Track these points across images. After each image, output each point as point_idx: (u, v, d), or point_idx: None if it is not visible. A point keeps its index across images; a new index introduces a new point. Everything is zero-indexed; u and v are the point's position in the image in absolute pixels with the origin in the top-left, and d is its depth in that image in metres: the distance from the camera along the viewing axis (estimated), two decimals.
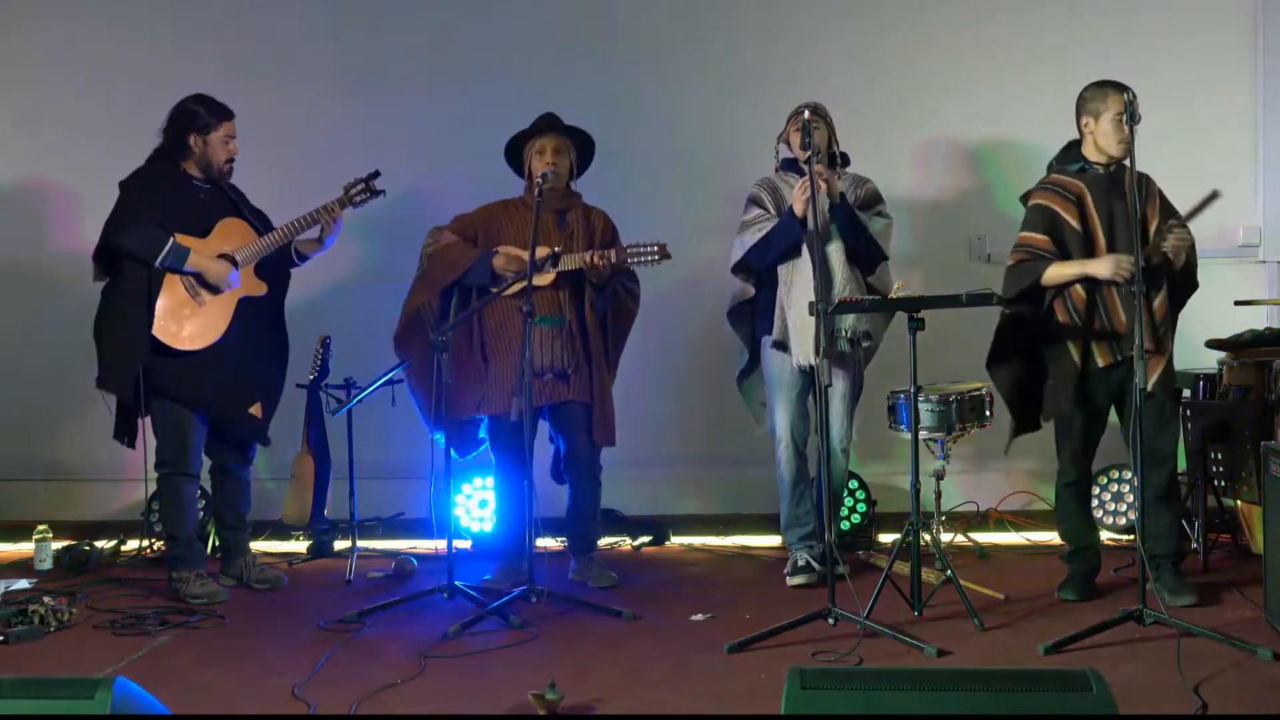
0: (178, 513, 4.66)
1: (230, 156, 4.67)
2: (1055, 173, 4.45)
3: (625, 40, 5.71)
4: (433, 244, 4.80)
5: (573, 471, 4.80)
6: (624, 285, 4.83)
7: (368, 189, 4.77)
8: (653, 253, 4.58)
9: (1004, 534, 5.43)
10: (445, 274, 4.71)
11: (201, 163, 4.64)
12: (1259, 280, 5.59)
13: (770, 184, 4.83)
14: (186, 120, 4.62)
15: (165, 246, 4.48)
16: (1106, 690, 2.44)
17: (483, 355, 4.72)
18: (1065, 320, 4.32)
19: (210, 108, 4.64)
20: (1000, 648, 3.87)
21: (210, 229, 4.61)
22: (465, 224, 4.83)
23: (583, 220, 4.80)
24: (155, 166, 4.64)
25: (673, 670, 3.71)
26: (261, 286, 4.69)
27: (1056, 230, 4.34)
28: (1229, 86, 5.59)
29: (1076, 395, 4.32)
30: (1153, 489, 4.30)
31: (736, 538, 5.49)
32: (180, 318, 4.55)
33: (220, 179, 4.68)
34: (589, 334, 4.72)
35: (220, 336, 4.59)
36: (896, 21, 5.67)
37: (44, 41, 5.77)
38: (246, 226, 4.68)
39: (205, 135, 4.62)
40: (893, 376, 4.64)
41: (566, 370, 4.67)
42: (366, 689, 3.51)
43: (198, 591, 4.57)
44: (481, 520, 5.43)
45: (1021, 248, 4.40)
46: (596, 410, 4.71)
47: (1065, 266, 4.29)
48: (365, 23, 5.75)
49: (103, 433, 4.71)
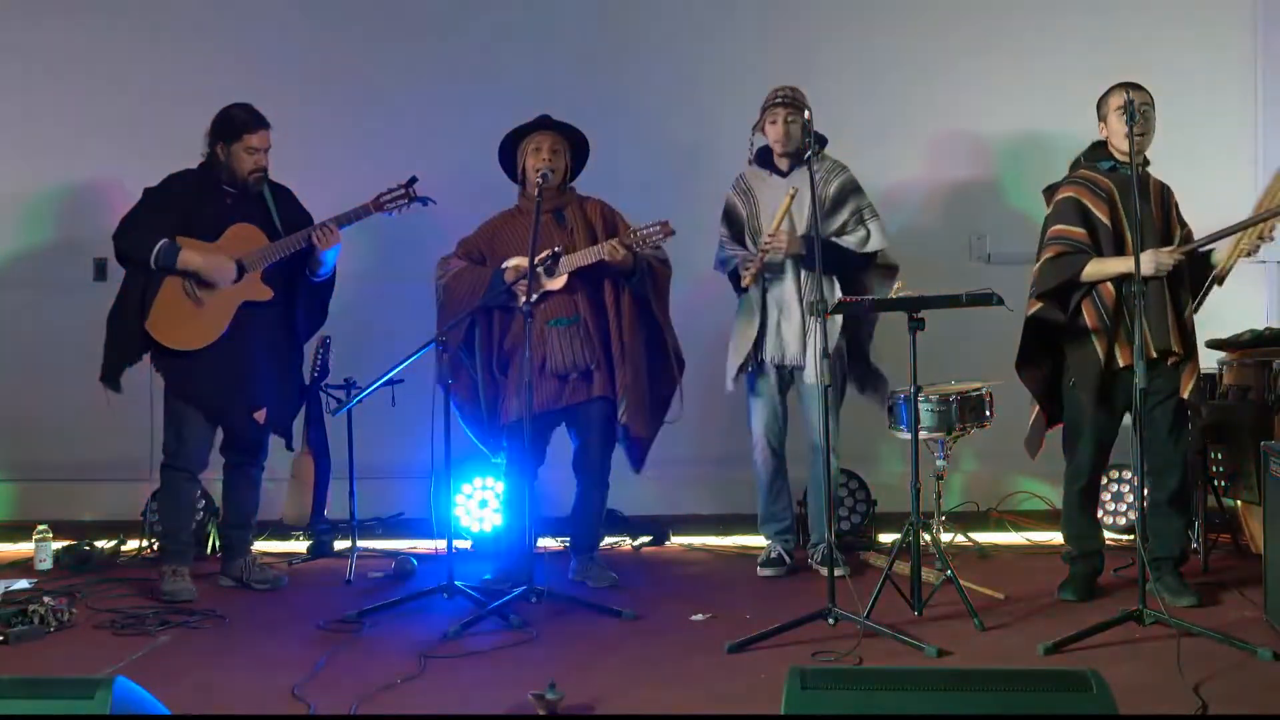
0: (167, 506, 4.77)
1: (257, 167, 4.67)
2: (1085, 169, 4.41)
3: (626, 39, 5.71)
4: (444, 275, 4.81)
5: (580, 471, 4.80)
6: (653, 256, 4.76)
7: (407, 195, 4.78)
8: (657, 232, 4.57)
9: (1004, 534, 5.43)
10: (465, 302, 4.67)
11: (227, 171, 4.67)
12: (1259, 281, 5.59)
13: (744, 185, 4.89)
14: (216, 128, 4.68)
15: (155, 247, 4.52)
16: (1106, 690, 2.44)
17: (504, 367, 4.73)
18: (1093, 318, 4.28)
19: (239, 118, 4.66)
20: (1000, 648, 3.87)
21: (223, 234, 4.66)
22: (470, 246, 4.83)
23: (580, 214, 4.79)
24: (188, 173, 4.71)
25: (673, 670, 3.71)
26: (266, 292, 4.68)
27: (1089, 225, 4.30)
28: (1229, 86, 5.59)
29: (1100, 394, 4.29)
30: (1165, 492, 4.30)
31: (736, 538, 5.49)
32: (177, 318, 4.58)
33: (249, 187, 4.69)
34: (609, 329, 4.71)
35: (217, 338, 4.60)
36: (897, 21, 5.67)
37: (49, 42, 5.76)
38: (258, 232, 4.68)
39: (230, 144, 4.64)
40: (893, 376, 4.64)
41: (590, 367, 4.66)
42: (366, 689, 3.51)
43: (167, 588, 4.60)
44: (481, 520, 5.43)
45: (1059, 240, 4.31)
46: (626, 402, 4.67)
47: (1106, 264, 4.23)
48: (365, 26, 5.74)
49: (103, 433, 4.73)
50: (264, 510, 5.01)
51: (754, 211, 4.83)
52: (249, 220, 4.69)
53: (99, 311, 4.79)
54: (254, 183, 4.70)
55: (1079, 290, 4.29)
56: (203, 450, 4.73)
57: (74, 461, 5.70)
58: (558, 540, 5.29)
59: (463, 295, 4.71)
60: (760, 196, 4.83)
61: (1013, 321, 4.41)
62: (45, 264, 5.76)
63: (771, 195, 4.78)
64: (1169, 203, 4.38)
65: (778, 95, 4.74)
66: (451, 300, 4.75)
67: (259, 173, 4.70)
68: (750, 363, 4.84)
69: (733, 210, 4.90)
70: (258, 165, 4.68)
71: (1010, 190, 5.62)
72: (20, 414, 5.72)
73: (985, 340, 5.00)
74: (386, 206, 4.79)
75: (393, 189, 4.80)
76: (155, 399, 4.75)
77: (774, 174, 4.84)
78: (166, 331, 4.59)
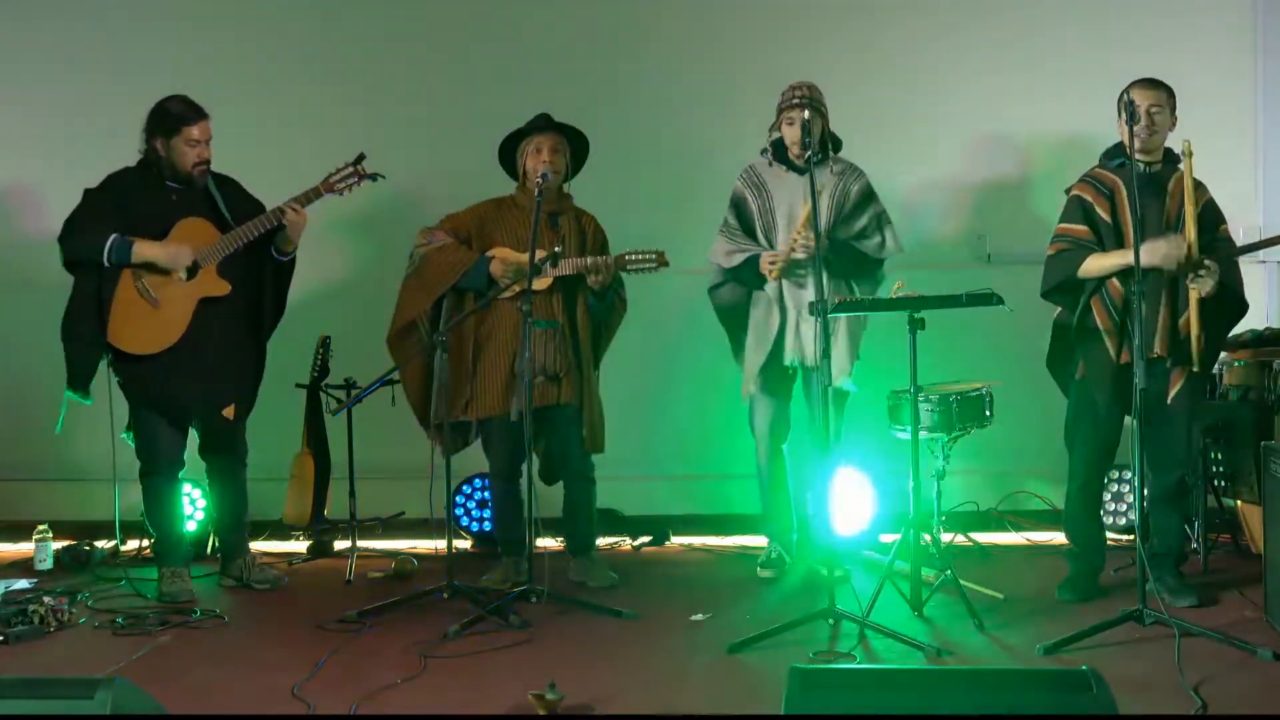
0: (152, 510, 4.72)
1: (200, 159, 4.55)
2: (1097, 167, 4.41)
3: (628, 38, 5.71)
4: (425, 245, 4.74)
5: (566, 472, 4.79)
6: (616, 291, 4.80)
7: (356, 174, 4.68)
8: (651, 260, 4.57)
9: (1004, 534, 5.43)
10: (442, 279, 4.66)
11: (168, 166, 4.55)
12: (1259, 281, 5.58)
13: (756, 179, 4.82)
14: (153, 123, 4.56)
15: (106, 243, 4.42)
16: (1106, 690, 2.44)
17: (473, 357, 4.71)
18: (1103, 317, 4.27)
19: (176, 111, 4.54)
20: (1000, 648, 3.87)
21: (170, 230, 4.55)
22: (457, 224, 4.79)
23: (575, 224, 4.79)
24: (127, 171, 4.60)
25: (673, 670, 3.71)
26: (223, 286, 4.57)
27: (1091, 222, 4.31)
28: (1229, 86, 5.59)
29: (1113, 391, 4.27)
30: (1162, 489, 4.30)
31: (736, 538, 5.49)
32: (134, 322, 4.48)
33: (192, 182, 4.58)
34: (580, 338, 4.71)
35: (179, 338, 4.52)
36: (898, 20, 5.67)
37: (24, 37, 5.76)
38: (208, 225, 4.57)
39: (169, 139, 4.53)
40: (893, 376, 4.64)
41: (559, 373, 4.66)
42: (366, 689, 3.51)
43: (165, 589, 4.60)
44: (481, 520, 5.43)
45: (1061, 238, 4.35)
46: (586, 415, 4.69)
47: (1104, 258, 4.23)
48: (361, 21, 5.75)
49: (103, 433, 4.71)
50: (264, 510, 5.02)
51: (767, 206, 4.78)
52: (196, 214, 4.56)
53: None
54: (199, 176, 4.57)
55: (1088, 288, 4.29)
56: (174, 449, 4.65)
57: (74, 461, 5.69)
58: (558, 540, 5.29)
59: (440, 271, 4.67)
60: (774, 191, 4.78)
61: (1013, 321, 4.41)
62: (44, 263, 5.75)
63: (786, 190, 4.75)
64: (1195, 199, 4.25)
65: (795, 96, 4.69)
66: (426, 272, 4.69)
67: (202, 165, 4.57)
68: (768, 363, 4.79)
69: (742, 202, 4.82)
70: (200, 158, 4.56)
71: (1011, 190, 5.61)
72: (20, 414, 5.73)
73: (985, 340, 5.00)
74: (337, 186, 4.67)
75: (341, 168, 4.68)
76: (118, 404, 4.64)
77: (790, 170, 4.79)
78: (126, 336, 4.48)
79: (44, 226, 5.75)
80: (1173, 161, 4.32)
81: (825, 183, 4.67)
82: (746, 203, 4.82)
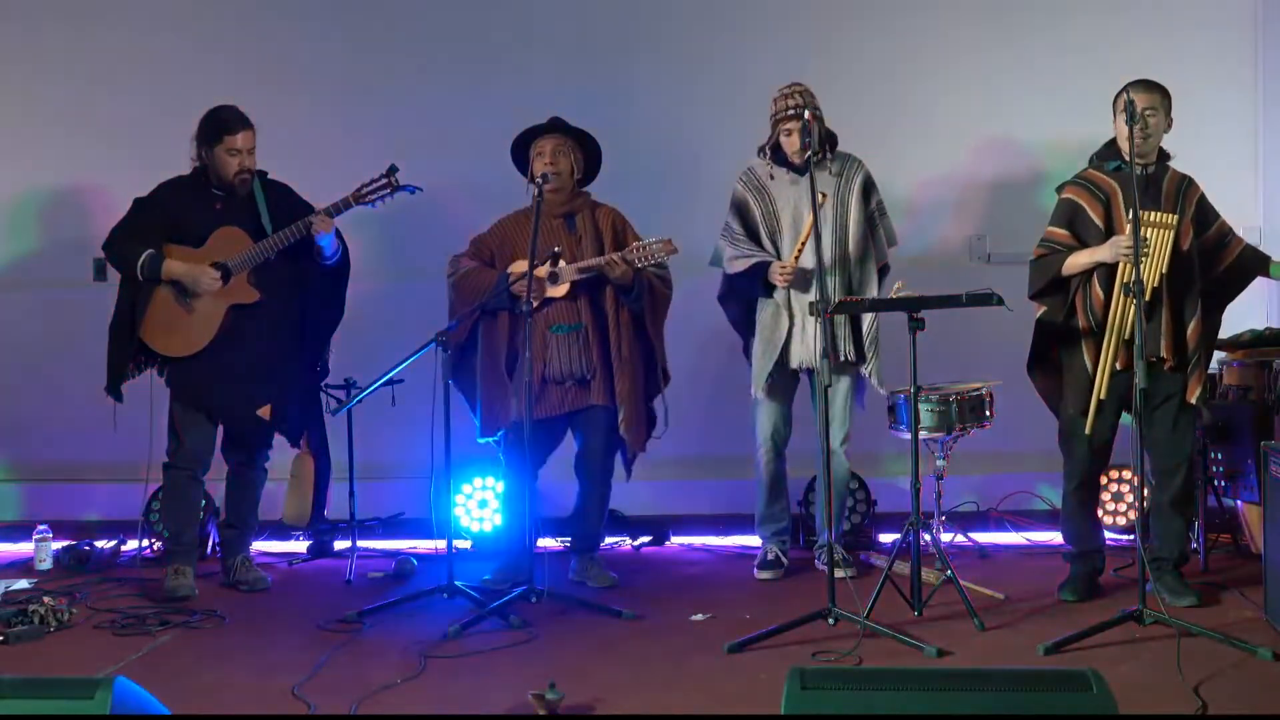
0: (169, 505, 4.84)
1: (241, 168, 4.65)
2: (1093, 168, 4.41)
3: (631, 39, 5.71)
4: (453, 273, 4.80)
5: (582, 471, 4.80)
6: (655, 274, 4.75)
7: (389, 185, 4.72)
8: (659, 249, 4.56)
9: (1004, 534, 5.43)
10: (469, 302, 4.69)
11: (214, 174, 4.67)
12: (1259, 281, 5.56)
13: (757, 183, 4.81)
14: (199, 132, 4.69)
15: (140, 258, 4.58)
16: (1106, 690, 2.44)
17: (511, 364, 4.72)
18: (1083, 322, 4.28)
19: (219, 120, 4.65)
20: (1000, 648, 3.86)
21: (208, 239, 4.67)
22: (480, 246, 4.83)
23: (590, 221, 4.78)
24: (180, 179, 4.75)
25: (673, 670, 3.71)
26: (253, 294, 4.67)
27: (1078, 225, 4.30)
28: (1229, 86, 5.59)
29: (1086, 399, 4.28)
30: (1168, 494, 4.30)
31: (736, 538, 5.49)
32: (169, 325, 4.65)
33: (236, 190, 4.68)
34: (609, 338, 4.69)
35: (208, 343, 4.63)
36: (897, 20, 5.66)
37: (52, 44, 5.77)
38: (243, 235, 4.66)
39: (213, 148, 4.64)
40: (893, 376, 4.64)
41: (587, 376, 4.66)
42: (366, 689, 3.51)
43: (168, 584, 4.63)
44: (481, 520, 5.43)
45: (1044, 242, 4.37)
46: (623, 412, 4.67)
47: (1077, 256, 4.25)
48: (374, 27, 5.75)
49: (102, 433, 4.73)
50: (264, 510, 5.02)
51: (770, 210, 4.77)
52: (236, 223, 4.67)
53: (99, 311, 4.81)
54: (240, 184, 4.68)
55: (1072, 289, 4.30)
56: (204, 449, 4.75)
57: (74, 461, 5.70)
58: (558, 540, 5.29)
59: (468, 296, 4.71)
60: (776, 193, 4.77)
61: (1013, 321, 4.41)
62: (45, 264, 5.77)
63: (789, 193, 4.75)
64: (1186, 196, 4.29)
65: (790, 106, 4.66)
66: (459, 299, 4.76)
67: (245, 174, 4.67)
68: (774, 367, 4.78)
69: (744, 206, 4.81)
70: (242, 166, 4.66)
71: (1011, 190, 5.61)
72: (20, 414, 5.73)
73: (985, 340, 5.00)
74: (368, 198, 4.71)
75: (374, 179, 4.72)
76: (158, 400, 4.73)
77: (791, 171, 4.77)
78: (160, 338, 4.66)
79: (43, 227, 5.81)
80: (1165, 160, 4.31)
81: (826, 186, 4.66)
82: (749, 207, 4.81)
